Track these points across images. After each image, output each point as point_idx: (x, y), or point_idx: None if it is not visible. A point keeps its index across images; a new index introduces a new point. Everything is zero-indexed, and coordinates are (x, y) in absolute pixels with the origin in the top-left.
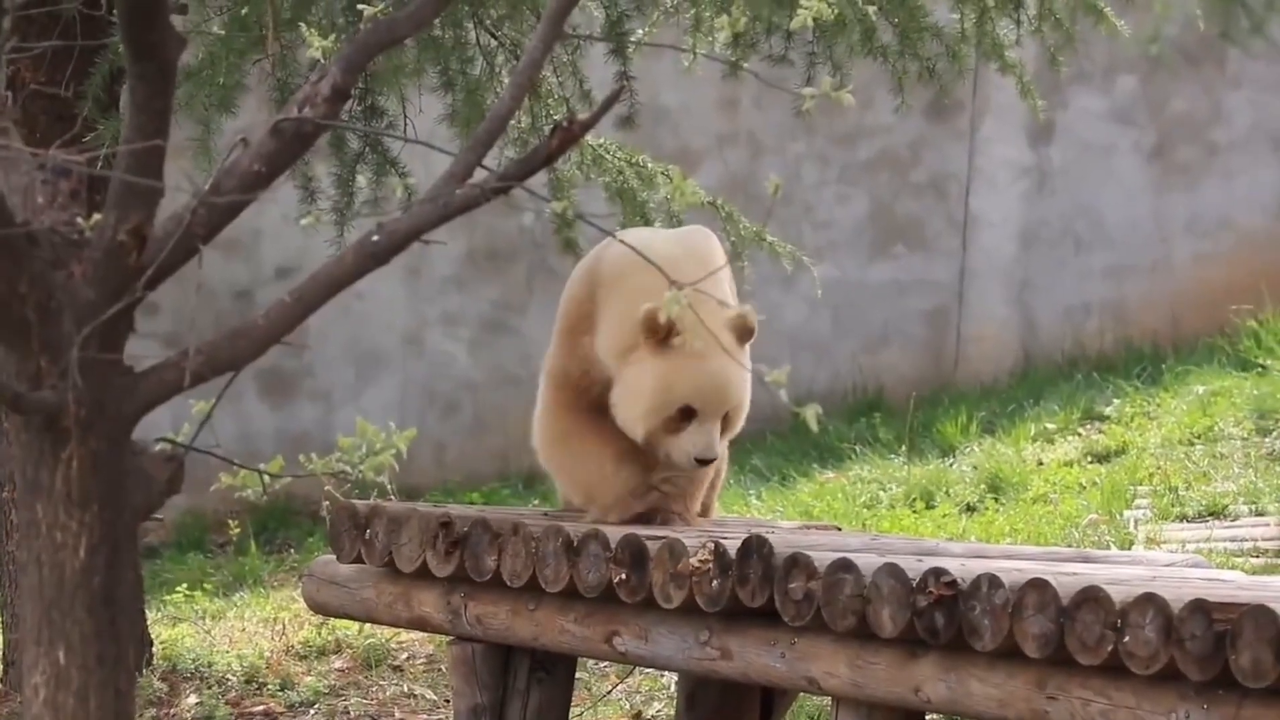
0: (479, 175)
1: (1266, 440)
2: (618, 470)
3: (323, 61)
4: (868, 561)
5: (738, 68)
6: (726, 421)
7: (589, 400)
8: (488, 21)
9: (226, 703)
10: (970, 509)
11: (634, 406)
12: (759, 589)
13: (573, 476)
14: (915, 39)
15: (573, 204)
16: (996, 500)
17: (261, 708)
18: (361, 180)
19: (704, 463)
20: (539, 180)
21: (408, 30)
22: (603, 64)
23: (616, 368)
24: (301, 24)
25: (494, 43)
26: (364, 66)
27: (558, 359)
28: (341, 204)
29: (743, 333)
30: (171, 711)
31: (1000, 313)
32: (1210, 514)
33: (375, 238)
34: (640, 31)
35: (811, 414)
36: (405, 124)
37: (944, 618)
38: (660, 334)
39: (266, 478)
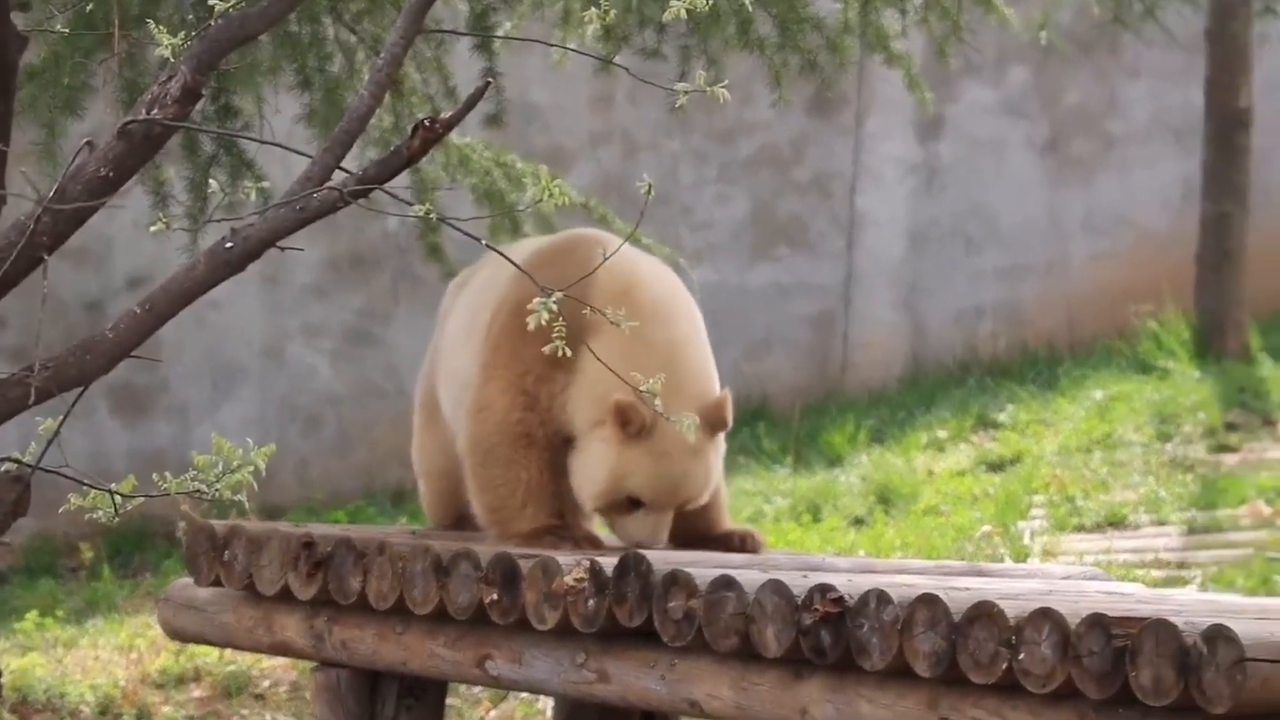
0: (338, 178)
1: (1168, 446)
2: (525, 507)
3: (172, 60)
4: (750, 578)
5: (609, 63)
6: (682, 505)
7: (529, 429)
8: (346, 17)
9: None
10: (859, 522)
11: (587, 484)
12: (637, 608)
13: (482, 496)
14: (795, 31)
15: (437, 207)
16: (886, 512)
17: None
18: (215, 184)
19: (643, 548)
20: (402, 182)
21: (261, 26)
22: (469, 60)
23: (582, 433)
24: (150, 21)
25: (353, 39)
26: (216, 65)
27: (528, 377)
28: (194, 209)
29: (716, 424)
30: None
31: (888, 316)
32: (1109, 524)
33: (229, 244)
34: (507, 25)
35: (688, 426)
36: (261, 124)
37: (831, 636)
38: (631, 429)
39: (118, 498)
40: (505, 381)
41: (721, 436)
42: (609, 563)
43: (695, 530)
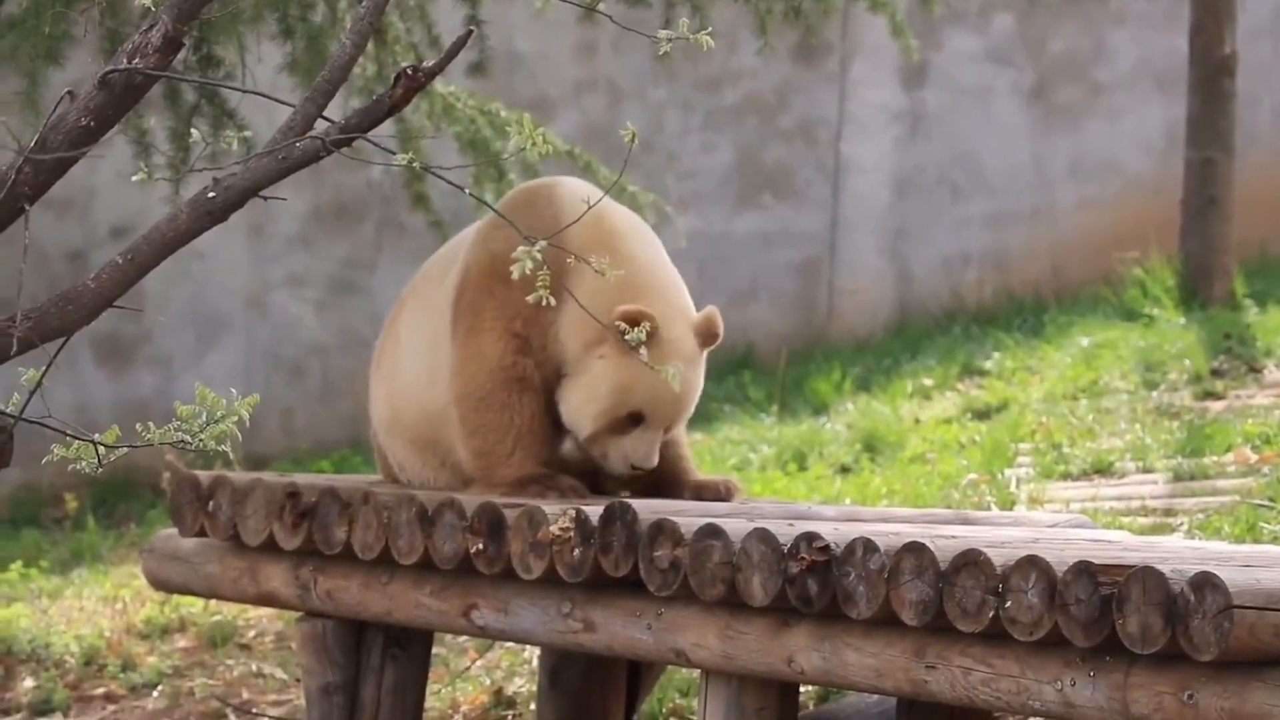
0: (320, 127)
1: (1154, 394)
2: (513, 454)
3: (153, 9)
4: (736, 527)
5: (593, 10)
6: (675, 422)
7: (523, 372)
8: None
9: (65, 686)
10: (845, 470)
11: (588, 404)
12: (623, 558)
13: (470, 441)
14: None
15: (422, 156)
16: (872, 460)
17: (102, 690)
18: (197, 134)
19: (637, 470)
20: (386, 131)
21: None
22: (452, 8)
23: (577, 358)
24: None
25: None
26: (197, 13)
27: (516, 321)
28: (177, 159)
29: (708, 338)
30: (7, 696)
31: (874, 264)
32: (1095, 472)
33: (211, 194)
34: None
35: (673, 374)
36: (244, 74)
37: (817, 585)
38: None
39: (102, 449)
40: (495, 330)
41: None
42: (594, 512)
43: (665, 480)
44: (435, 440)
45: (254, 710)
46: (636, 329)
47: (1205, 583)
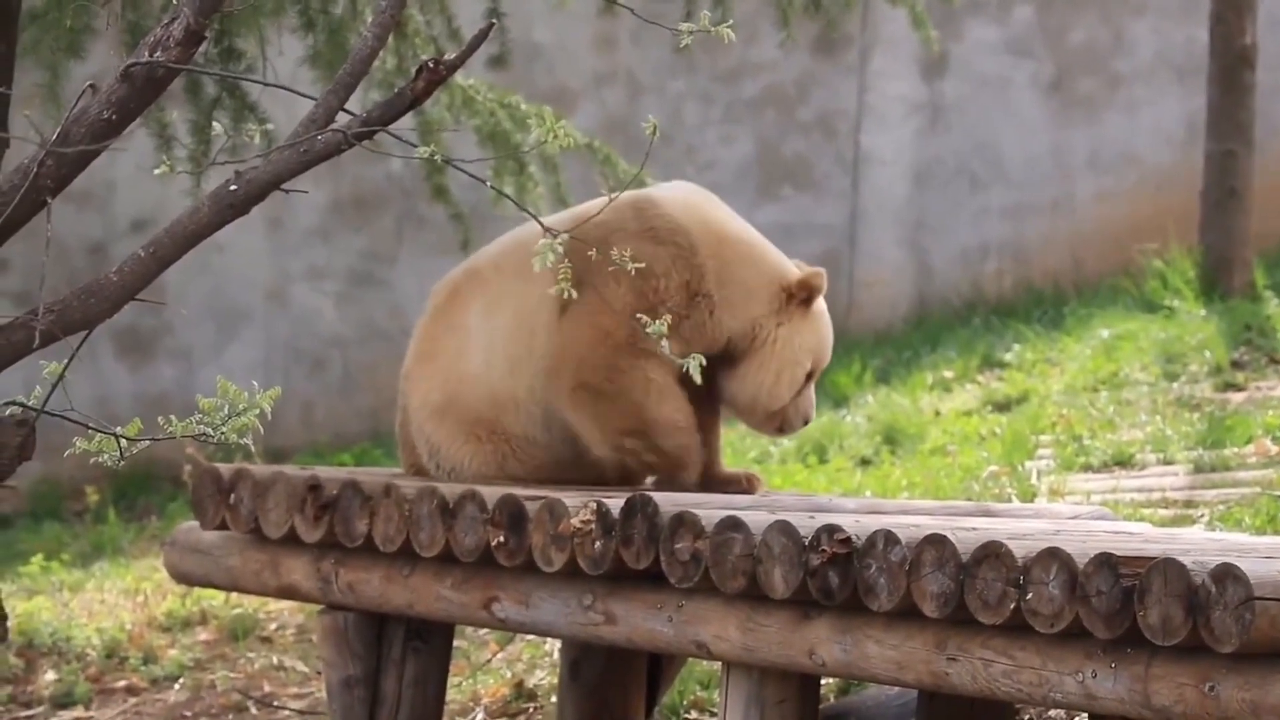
0: (342, 120)
1: (1174, 385)
2: (695, 437)
3: (175, 2)
4: (757, 519)
5: (613, 2)
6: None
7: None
8: None
9: (86, 678)
10: (865, 462)
11: (785, 372)
12: (644, 550)
13: (661, 438)
14: None
15: (442, 148)
16: (892, 452)
17: (123, 683)
18: (219, 127)
19: (807, 425)
20: (406, 124)
21: None
22: (472, 1)
23: (745, 336)
24: None
25: None
26: (219, 7)
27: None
28: (198, 152)
29: (818, 290)
30: (29, 689)
31: (894, 256)
32: (1116, 463)
33: (233, 187)
34: None
35: (695, 365)
36: (265, 67)
37: (838, 577)
38: (813, 297)
39: (123, 442)
40: (633, 320)
41: None
42: (615, 504)
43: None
44: (495, 423)
45: (275, 703)
46: (658, 322)
47: (1226, 574)
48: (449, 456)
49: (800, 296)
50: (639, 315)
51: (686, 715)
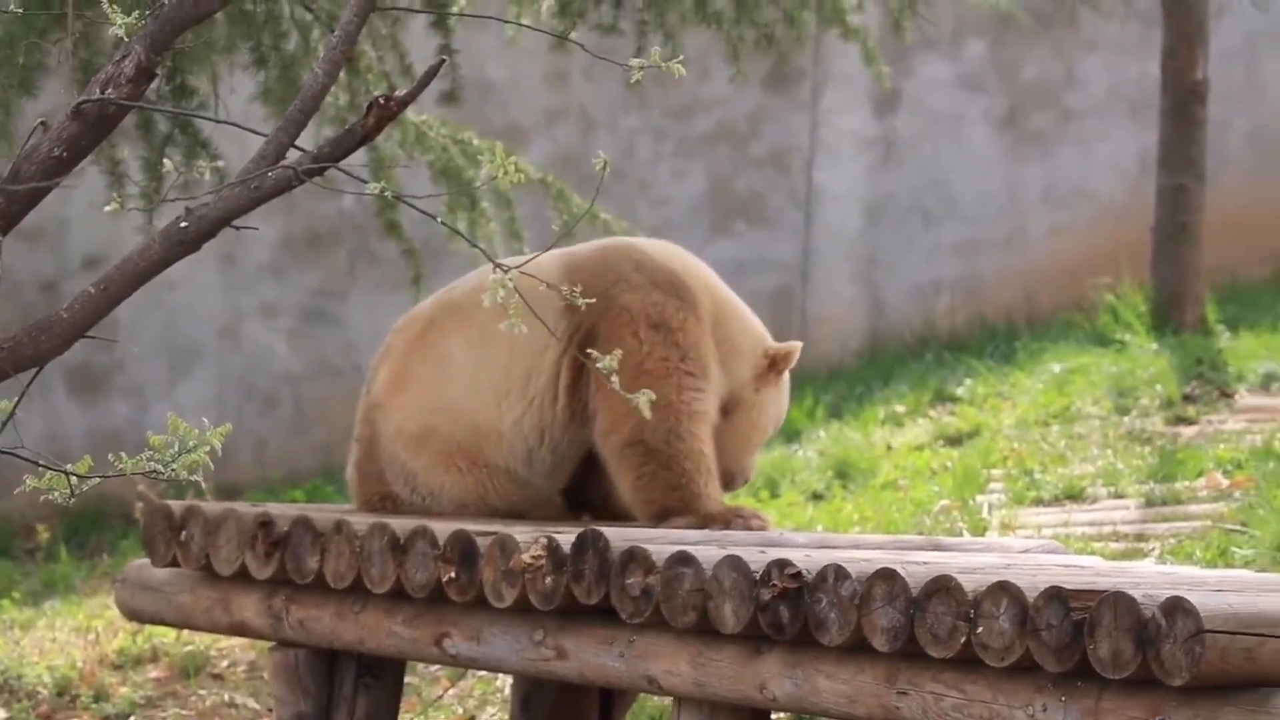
0: (293, 156)
1: (1125, 419)
2: (708, 485)
3: (126, 39)
4: (708, 554)
5: (565, 39)
6: None
7: (705, 406)
8: None
9: (38, 716)
10: (817, 497)
11: (762, 433)
12: (595, 585)
13: (666, 475)
14: (751, 5)
15: (394, 184)
16: (844, 487)
17: None
18: (169, 164)
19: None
20: (358, 160)
21: (216, 5)
22: (425, 37)
23: (743, 390)
24: (103, 0)
25: (309, 16)
26: (170, 43)
27: (685, 362)
28: (150, 189)
29: (792, 362)
30: None
31: (847, 291)
32: (1067, 497)
33: (184, 224)
34: (462, 2)
35: (644, 401)
36: (217, 103)
37: (789, 612)
38: (784, 368)
39: (74, 479)
40: (662, 371)
41: None
42: (566, 540)
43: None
44: (477, 453)
45: None
46: (609, 358)
47: (1176, 607)
48: (427, 483)
49: (781, 366)
50: (687, 371)
51: None
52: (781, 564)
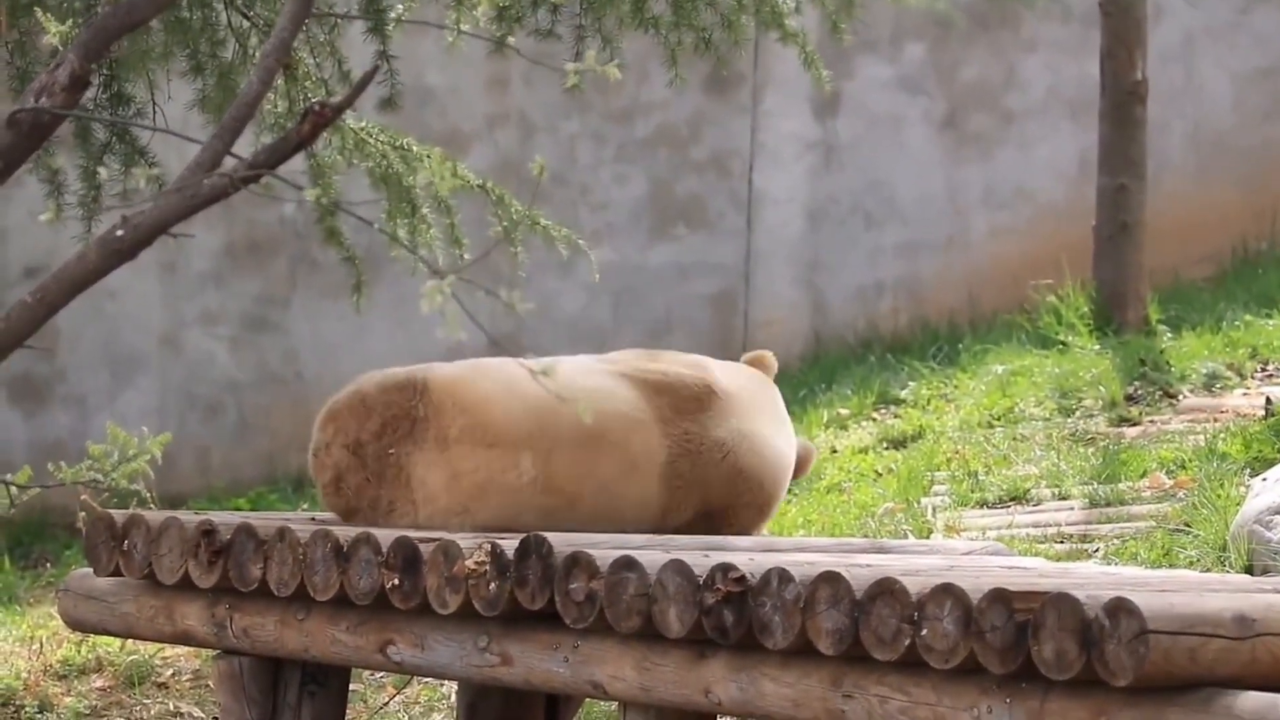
0: (229, 163)
1: (1069, 421)
2: None
3: (60, 48)
4: (652, 559)
5: (503, 44)
6: None
7: None
8: (238, 1)
9: None
10: None
11: None
12: (539, 591)
13: None
14: (689, 9)
15: (333, 191)
16: (788, 490)
17: None
18: (104, 172)
19: None
20: (298, 167)
21: (149, 12)
22: (363, 44)
23: None
24: (37, 9)
25: (246, 23)
26: (105, 51)
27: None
28: (88, 198)
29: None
30: None
31: (789, 294)
32: (1011, 499)
33: (120, 232)
34: (399, 8)
35: (585, 410)
36: (154, 111)
37: (733, 616)
38: None
39: (14, 489)
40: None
41: None
42: (510, 545)
43: None
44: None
45: None
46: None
47: (1120, 608)
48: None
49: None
50: None
51: None
52: (725, 568)
